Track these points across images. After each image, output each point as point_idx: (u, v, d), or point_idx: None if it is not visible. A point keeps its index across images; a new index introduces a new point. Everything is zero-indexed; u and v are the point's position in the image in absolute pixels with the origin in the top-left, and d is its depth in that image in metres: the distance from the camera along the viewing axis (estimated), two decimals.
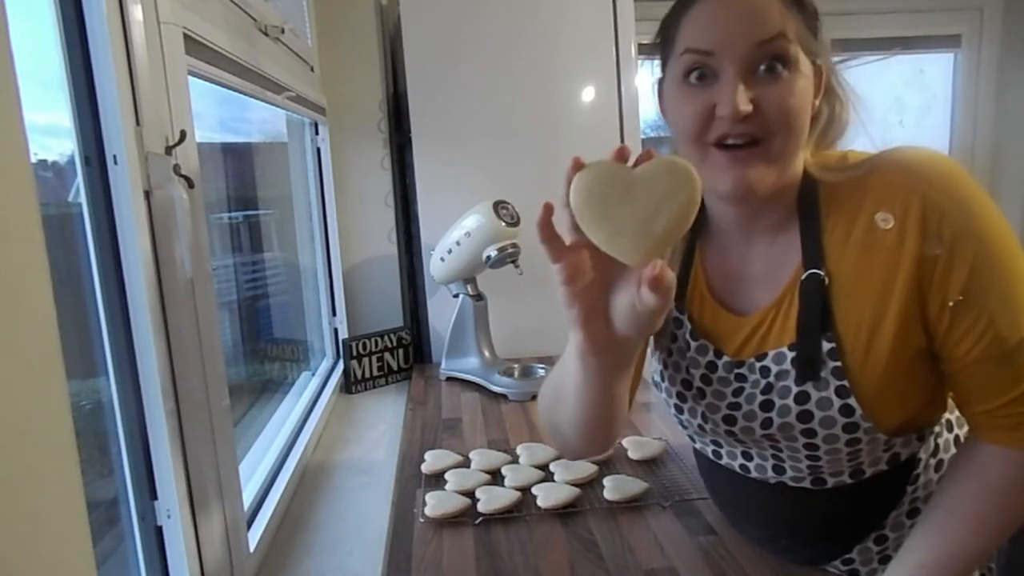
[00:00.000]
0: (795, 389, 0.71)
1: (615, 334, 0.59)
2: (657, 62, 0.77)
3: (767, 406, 0.73)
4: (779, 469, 0.78)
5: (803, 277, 0.70)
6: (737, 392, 0.76)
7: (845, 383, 0.69)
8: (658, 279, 0.51)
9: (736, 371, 0.76)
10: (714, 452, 0.85)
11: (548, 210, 0.56)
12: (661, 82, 0.75)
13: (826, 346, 0.69)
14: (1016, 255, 0.66)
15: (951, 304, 0.65)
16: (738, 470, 0.83)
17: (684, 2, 0.69)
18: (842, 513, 0.79)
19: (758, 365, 0.74)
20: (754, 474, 0.81)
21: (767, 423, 0.73)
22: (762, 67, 0.65)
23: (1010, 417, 0.67)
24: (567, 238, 0.57)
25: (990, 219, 0.66)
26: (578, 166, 0.55)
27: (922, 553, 0.70)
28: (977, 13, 2.74)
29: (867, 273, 0.67)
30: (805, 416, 0.71)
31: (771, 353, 0.73)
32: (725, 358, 0.77)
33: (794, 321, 0.71)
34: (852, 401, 0.69)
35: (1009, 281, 0.65)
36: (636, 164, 0.55)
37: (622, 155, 0.55)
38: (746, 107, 0.64)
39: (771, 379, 0.73)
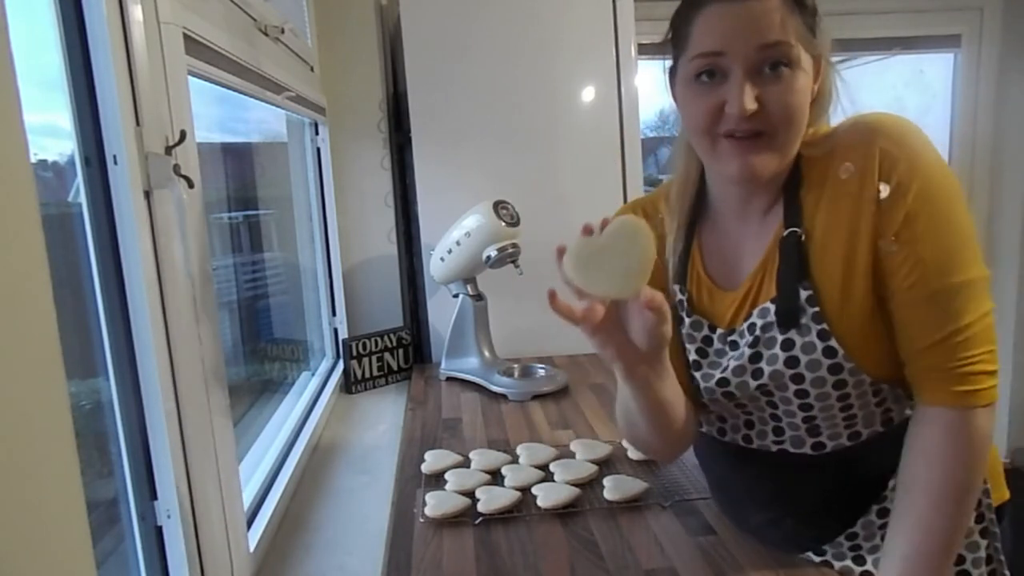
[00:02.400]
0: (780, 338, 0.76)
1: (640, 352, 0.72)
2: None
3: (756, 358, 0.79)
4: (779, 431, 0.82)
5: (783, 235, 0.77)
6: (731, 357, 0.81)
7: (825, 326, 0.74)
8: (650, 302, 0.67)
9: (729, 339, 0.82)
10: (719, 429, 0.88)
11: (552, 295, 0.68)
12: (673, 71, 0.81)
13: (804, 294, 0.75)
14: (956, 210, 0.71)
15: (885, 243, 0.71)
16: (741, 442, 0.86)
17: (695, 3, 0.74)
18: (843, 481, 0.82)
19: (746, 326, 0.80)
20: (755, 443, 0.84)
21: (758, 373, 0.79)
22: (767, 67, 0.71)
23: (930, 369, 0.71)
24: (578, 304, 0.70)
25: (935, 173, 0.71)
26: (562, 251, 0.70)
27: (901, 544, 0.72)
28: (977, 13, 2.74)
29: (837, 222, 0.74)
30: (792, 361, 0.76)
31: (756, 310, 0.78)
32: (719, 331, 0.83)
33: (776, 278, 0.77)
34: (833, 343, 0.74)
35: (943, 229, 0.70)
36: (603, 226, 0.70)
37: (588, 231, 0.70)
38: (752, 106, 0.70)
39: (758, 333, 0.78)
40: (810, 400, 0.77)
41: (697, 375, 0.85)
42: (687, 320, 0.85)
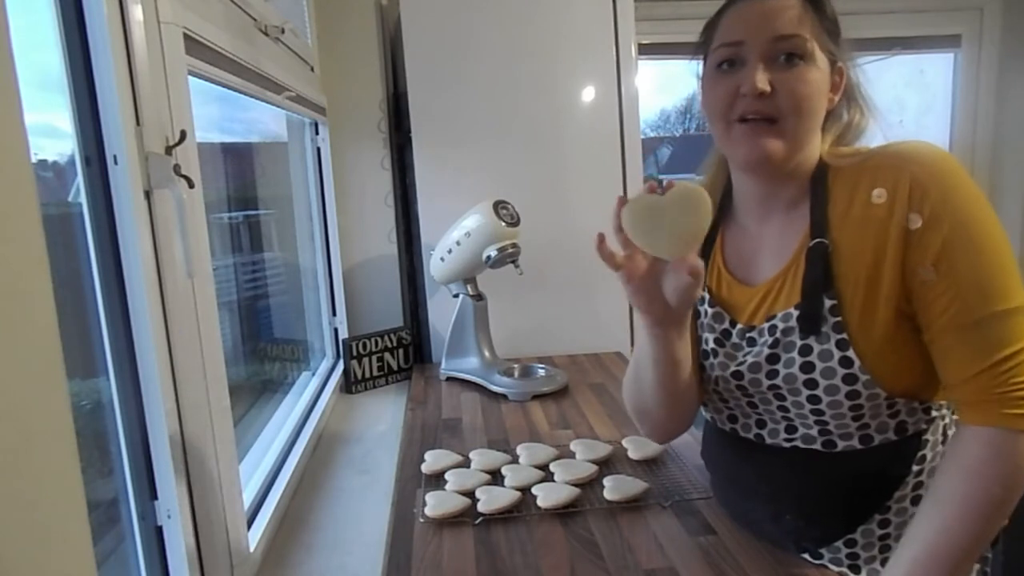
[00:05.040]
0: (799, 343, 0.79)
1: (669, 308, 0.79)
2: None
3: (773, 359, 0.81)
4: (791, 429, 0.84)
5: (810, 244, 0.79)
6: (747, 353, 0.84)
7: (845, 336, 0.76)
8: (692, 268, 0.73)
9: (748, 335, 0.85)
10: (731, 428, 0.90)
11: (601, 238, 0.76)
12: (702, 77, 0.86)
13: (827, 303, 0.77)
14: (993, 239, 0.72)
15: (923, 271, 0.72)
16: (753, 439, 0.87)
17: (722, 9, 0.82)
18: (850, 483, 0.82)
19: (767, 326, 0.82)
20: (768, 440, 0.86)
21: (772, 374, 0.81)
22: (781, 57, 0.76)
23: (978, 393, 0.71)
24: (620, 252, 0.77)
25: (971, 202, 0.73)
26: (623, 202, 0.76)
27: (915, 545, 0.72)
28: (977, 13, 2.74)
29: (863, 241, 0.76)
30: (807, 367, 0.78)
31: (779, 314, 0.81)
32: (739, 326, 0.86)
33: (800, 285, 0.79)
34: (851, 353, 0.76)
35: (982, 260, 0.71)
36: (664, 191, 0.74)
37: (652, 188, 0.75)
38: (764, 86, 0.75)
39: (778, 336, 0.80)
40: (821, 406, 0.78)
41: (714, 362, 0.88)
42: (710, 311, 0.88)
